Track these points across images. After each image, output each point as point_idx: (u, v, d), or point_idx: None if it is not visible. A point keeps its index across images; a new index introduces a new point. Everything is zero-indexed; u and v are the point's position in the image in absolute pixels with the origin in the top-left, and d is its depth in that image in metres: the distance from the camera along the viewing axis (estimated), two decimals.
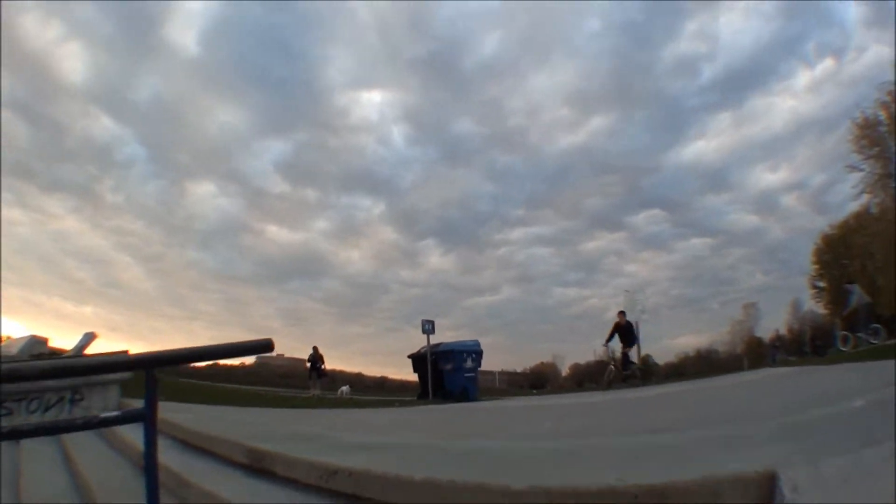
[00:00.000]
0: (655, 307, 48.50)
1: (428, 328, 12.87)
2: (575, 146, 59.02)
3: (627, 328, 11.54)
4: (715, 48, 55.02)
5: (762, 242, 52.69)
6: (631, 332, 11.63)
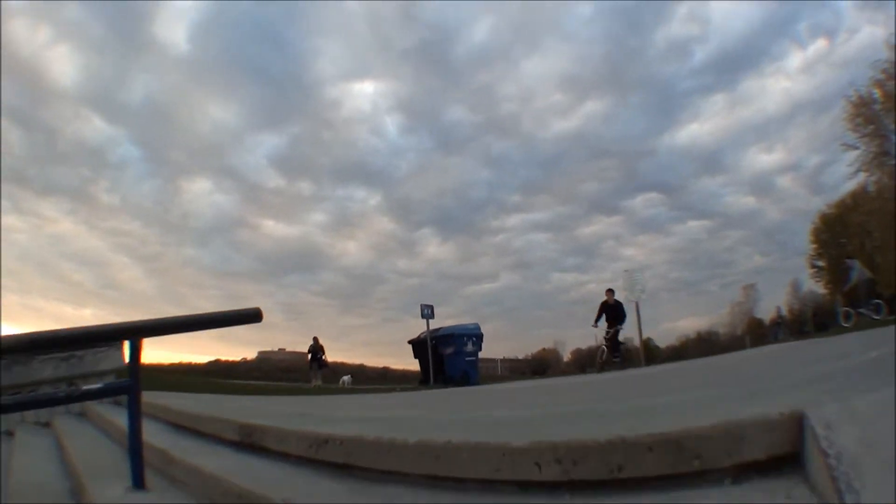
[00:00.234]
0: (654, 290, 48.65)
1: (427, 313, 12.74)
2: (569, 131, 58.89)
3: (615, 307, 11.11)
4: (707, 30, 54.68)
5: (759, 224, 52.76)
6: (619, 310, 11.17)
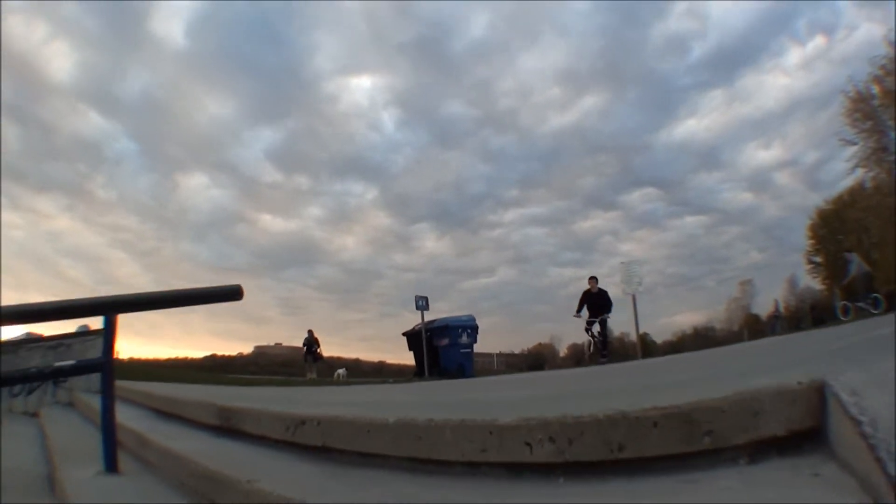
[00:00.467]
0: (651, 285, 48.65)
1: (422, 304, 12.57)
2: (567, 126, 58.62)
3: (600, 295, 10.31)
4: (705, 26, 54.13)
5: (756, 220, 52.45)
6: (604, 298, 10.35)
